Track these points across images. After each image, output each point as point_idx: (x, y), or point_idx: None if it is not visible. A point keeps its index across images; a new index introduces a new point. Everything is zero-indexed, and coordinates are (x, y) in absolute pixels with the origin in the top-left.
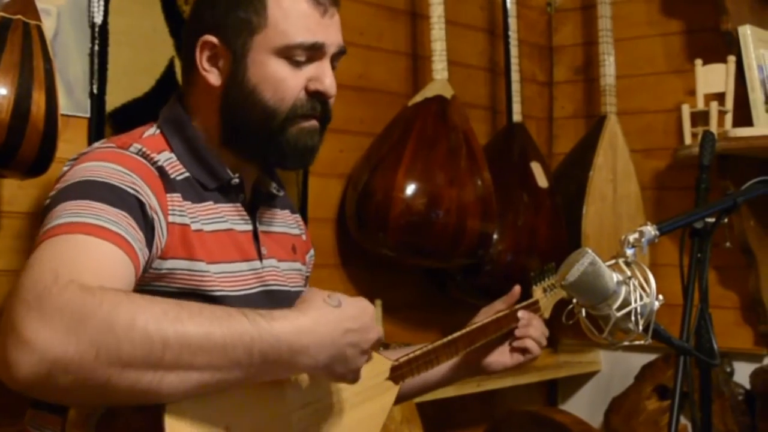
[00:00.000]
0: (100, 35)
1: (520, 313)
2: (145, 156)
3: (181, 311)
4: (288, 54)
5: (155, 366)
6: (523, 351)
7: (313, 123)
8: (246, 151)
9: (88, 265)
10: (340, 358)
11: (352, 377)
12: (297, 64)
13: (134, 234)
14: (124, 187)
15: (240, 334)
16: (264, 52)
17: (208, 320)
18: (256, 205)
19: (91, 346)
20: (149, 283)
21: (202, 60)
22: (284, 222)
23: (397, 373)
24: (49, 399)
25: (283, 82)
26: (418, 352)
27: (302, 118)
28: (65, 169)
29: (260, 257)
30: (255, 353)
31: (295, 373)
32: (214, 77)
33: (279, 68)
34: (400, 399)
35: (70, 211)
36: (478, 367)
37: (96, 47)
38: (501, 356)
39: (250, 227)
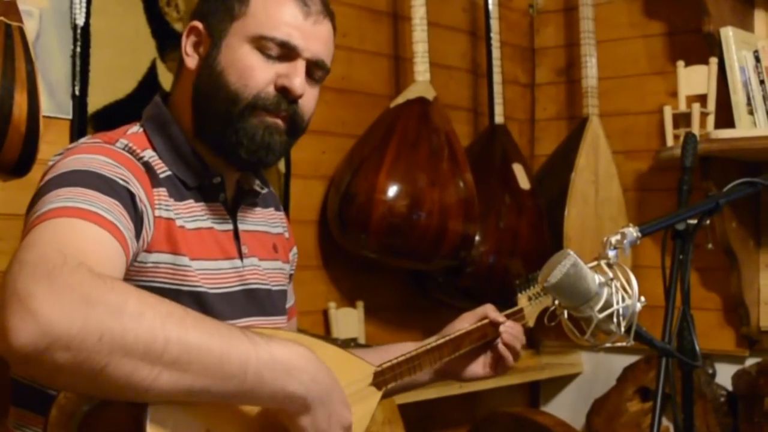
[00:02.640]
0: (82, 37)
1: (503, 325)
2: (131, 151)
3: (186, 316)
4: (260, 45)
5: (153, 362)
6: (499, 361)
7: (276, 120)
8: (210, 140)
9: (89, 250)
10: (327, 407)
11: None
12: (269, 58)
13: (125, 224)
14: (114, 177)
15: (238, 348)
16: (238, 39)
17: (209, 331)
18: (238, 204)
19: (96, 328)
20: (133, 278)
21: (187, 45)
22: (265, 221)
23: (379, 379)
24: (38, 376)
25: (249, 70)
26: (401, 358)
27: (266, 112)
28: (51, 162)
29: (241, 256)
30: (250, 369)
31: (285, 400)
32: (192, 61)
33: (249, 56)
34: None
35: (64, 197)
36: (452, 374)
37: (78, 49)
38: (476, 366)
39: (230, 226)
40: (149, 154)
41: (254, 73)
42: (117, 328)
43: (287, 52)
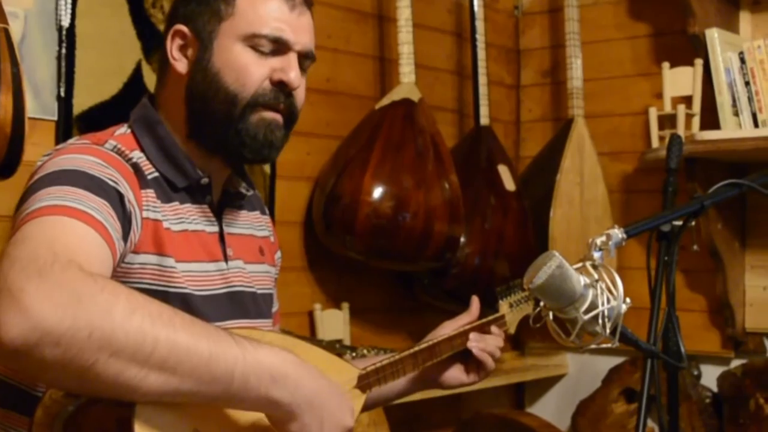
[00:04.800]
0: (68, 38)
1: (471, 335)
2: (119, 152)
3: (175, 317)
4: (253, 43)
5: (142, 362)
6: (480, 367)
7: (276, 116)
8: (209, 141)
9: (78, 248)
10: (317, 411)
11: None
12: (262, 54)
13: (113, 224)
14: (103, 178)
15: (225, 352)
16: (230, 39)
17: (198, 333)
18: (223, 206)
19: (86, 326)
20: (120, 279)
21: (173, 49)
22: (251, 224)
23: (364, 382)
24: (27, 371)
25: (245, 68)
26: (385, 362)
27: (264, 108)
28: (40, 162)
29: (226, 258)
30: (237, 374)
31: (271, 407)
32: (182, 65)
33: (243, 55)
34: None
35: (54, 195)
36: (435, 382)
37: (63, 50)
38: (459, 372)
39: (216, 228)
40: (137, 155)
41: (250, 71)
42: (107, 326)
43: (279, 47)
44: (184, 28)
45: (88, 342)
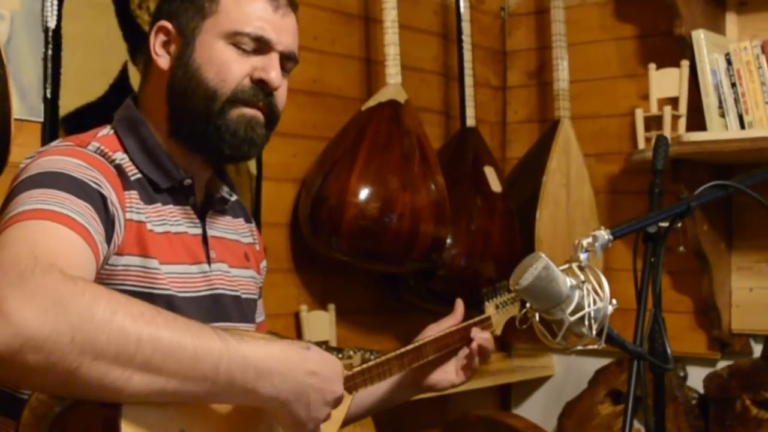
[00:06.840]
0: (54, 40)
1: (473, 331)
2: (103, 154)
3: (158, 316)
4: (235, 40)
5: (125, 363)
6: (469, 366)
7: (256, 113)
8: (189, 138)
9: (60, 252)
10: (303, 398)
11: (313, 426)
12: (244, 52)
13: (96, 227)
14: (87, 180)
15: (210, 348)
16: (212, 36)
17: (181, 330)
18: (207, 209)
19: (68, 330)
20: (104, 281)
21: (156, 44)
22: (235, 230)
23: (350, 383)
24: (10, 378)
25: (226, 65)
26: (371, 363)
27: (244, 104)
28: (23, 165)
29: (209, 261)
30: (222, 370)
31: (257, 400)
32: (164, 61)
33: (225, 51)
34: (348, 420)
35: (37, 199)
36: (426, 385)
37: (49, 52)
38: (448, 374)
39: (199, 231)
40: (120, 156)
41: (231, 68)
42: (88, 329)
43: (261, 46)
44: (168, 24)
45: (70, 346)
